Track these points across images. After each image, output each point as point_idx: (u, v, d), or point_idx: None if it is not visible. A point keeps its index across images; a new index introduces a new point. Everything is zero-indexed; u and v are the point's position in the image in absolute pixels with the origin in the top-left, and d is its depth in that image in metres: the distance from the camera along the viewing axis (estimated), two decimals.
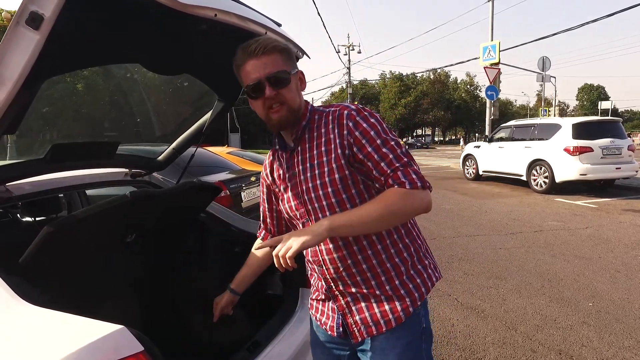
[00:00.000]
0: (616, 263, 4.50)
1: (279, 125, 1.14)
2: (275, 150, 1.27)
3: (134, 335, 1.00)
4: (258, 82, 1.08)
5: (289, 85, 1.11)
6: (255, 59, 1.08)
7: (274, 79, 1.08)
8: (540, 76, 18.14)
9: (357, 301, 1.18)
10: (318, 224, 1.05)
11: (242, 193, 4.48)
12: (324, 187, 1.12)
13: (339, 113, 1.13)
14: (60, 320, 1.04)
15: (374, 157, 1.08)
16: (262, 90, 1.09)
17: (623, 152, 8.90)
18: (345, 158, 1.11)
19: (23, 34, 1.00)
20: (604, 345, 2.79)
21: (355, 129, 1.10)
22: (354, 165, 1.12)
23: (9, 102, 1.09)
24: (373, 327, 1.17)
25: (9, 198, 1.51)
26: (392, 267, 1.16)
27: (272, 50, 1.09)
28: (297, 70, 1.16)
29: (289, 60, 1.13)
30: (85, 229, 1.45)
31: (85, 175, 2.03)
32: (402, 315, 1.15)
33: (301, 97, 1.18)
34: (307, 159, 1.16)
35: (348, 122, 1.10)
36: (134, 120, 2.28)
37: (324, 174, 1.12)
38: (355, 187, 1.12)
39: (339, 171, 1.11)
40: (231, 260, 2.22)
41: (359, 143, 1.10)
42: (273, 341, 1.62)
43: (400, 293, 1.16)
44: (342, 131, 1.11)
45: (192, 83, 1.96)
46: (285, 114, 1.12)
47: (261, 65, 1.08)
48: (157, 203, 1.72)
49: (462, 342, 2.87)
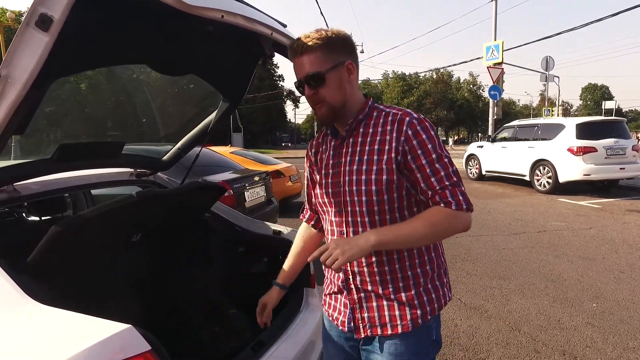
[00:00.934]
0: (620, 264, 4.49)
1: (322, 120, 1.17)
2: (325, 135, 1.29)
3: (141, 334, 1.01)
4: (299, 82, 1.13)
5: (326, 83, 1.11)
6: (297, 58, 1.11)
7: (309, 79, 1.11)
8: (543, 76, 18.05)
9: (369, 299, 1.19)
10: (365, 238, 1.06)
11: (245, 193, 4.49)
12: (369, 184, 1.12)
13: (400, 118, 1.12)
14: (68, 319, 1.05)
15: (426, 170, 1.09)
16: (303, 89, 1.13)
17: (627, 152, 8.86)
18: (397, 163, 1.11)
19: (32, 35, 1.01)
20: (608, 346, 2.78)
21: (413, 137, 1.09)
22: (402, 171, 1.12)
23: (18, 102, 1.10)
24: (379, 328, 1.18)
25: (17, 197, 1.53)
26: (413, 276, 1.17)
27: (310, 50, 1.09)
28: (340, 63, 1.12)
29: (331, 55, 1.11)
30: (92, 228, 1.46)
31: (90, 175, 2.04)
32: (409, 325, 1.16)
33: (352, 92, 1.16)
34: (357, 152, 1.16)
35: (408, 129, 1.10)
36: (138, 120, 2.29)
37: (372, 172, 1.12)
38: (397, 191, 1.13)
39: (388, 174, 1.11)
40: (235, 260, 2.23)
41: (414, 152, 1.10)
42: (277, 341, 1.63)
43: (414, 303, 1.17)
44: (399, 137, 1.10)
45: (197, 83, 1.97)
46: (326, 112, 1.14)
47: (300, 65, 1.11)
48: (162, 203, 1.73)
49: (465, 342, 2.87)
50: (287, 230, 2.06)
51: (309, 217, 1.43)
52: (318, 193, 1.26)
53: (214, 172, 4.57)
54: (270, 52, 1.45)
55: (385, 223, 1.14)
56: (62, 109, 1.97)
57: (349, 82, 1.15)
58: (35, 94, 1.13)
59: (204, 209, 2.13)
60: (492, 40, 15.12)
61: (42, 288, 1.19)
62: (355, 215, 1.16)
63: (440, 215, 1.08)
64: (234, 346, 1.63)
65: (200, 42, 1.40)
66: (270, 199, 5.18)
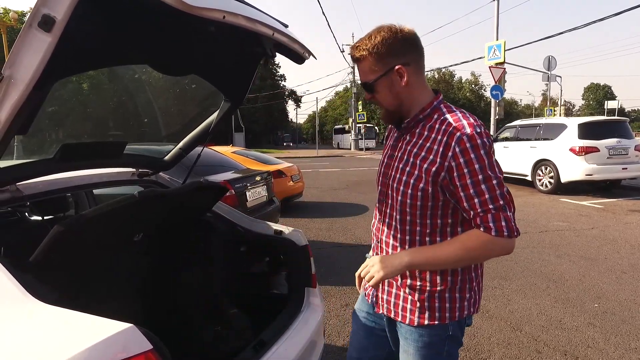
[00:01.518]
0: (622, 264, 4.48)
1: (383, 120, 1.27)
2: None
3: (143, 333, 1.01)
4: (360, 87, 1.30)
5: (377, 90, 1.18)
6: (356, 65, 1.20)
7: (364, 88, 1.22)
8: (546, 75, 18.01)
9: (390, 285, 1.28)
10: (399, 258, 1.14)
11: (247, 193, 4.49)
12: (407, 186, 1.17)
13: (451, 131, 1.09)
14: (71, 318, 1.05)
15: (470, 191, 1.07)
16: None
17: (630, 152, 8.83)
18: (437, 177, 1.11)
19: (35, 36, 1.02)
20: (610, 346, 2.78)
21: (461, 155, 1.07)
22: (443, 185, 1.12)
23: (21, 102, 1.10)
24: (392, 312, 1.29)
25: (19, 197, 1.53)
26: (430, 281, 1.20)
27: (362, 59, 1.16)
28: (389, 69, 1.14)
29: (379, 63, 1.14)
30: (94, 228, 1.47)
31: (92, 175, 2.05)
32: (415, 321, 1.23)
33: (409, 93, 1.17)
34: (407, 151, 1.20)
35: (456, 146, 1.07)
36: (140, 120, 2.29)
37: (412, 175, 1.16)
38: (432, 201, 1.14)
39: (425, 183, 1.13)
40: (236, 259, 2.23)
41: (460, 171, 1.07)
42: (279, 341, 1.63)
43: (424, 305, 1.21)
44: (446, 151, 1.09)
45: (199, 83, 1.98)
46: (384, 113, 1.24)
47: (359, 72, 1.21)
48: (164, 203, 1.74)
49: (466, 342, 2.86)
50: (288, 230, 2.07)
51: None
52: (376, 176, 1.34)
53: (216, 171, 4.57)
54: (271, 52, 1.45)
55: (414, 225, 1.18)
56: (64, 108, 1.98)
57: (402, 86, 1.16)
58: (38, 95, 1.14)
59: (205, 209, 2.14)
60: (494, 40, 15.09)
61: (44, 287, 1.19)
62: (392, 209, 1.23)
63: (477, 240, 1.08)
64: (235, 346, 1.64)
65: (201, 42, 1.41)
66: (271, 198, 5.19)
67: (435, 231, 1.17)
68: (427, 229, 1.17)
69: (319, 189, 10.63)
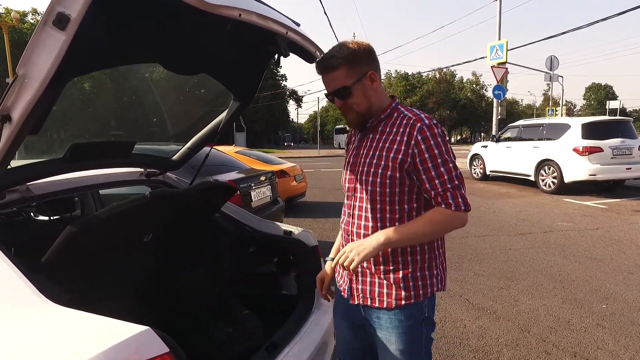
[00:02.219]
0: (629, 264, 4.45)
1: (350, 124, 1.35)
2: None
3: (159, 336, 1.00)
4: (328, 96, 1.32)
5: (352, 95, 1.27)
6: (325, 75, 1.29)
7: (337, 95, 1.29)
8: (548, 75, 17.98)
9: (364, 274, 1.35)
10: (375, 238, 1.23)
11: (251, 192, 4.48)
12: (375, 176, 1.28)
13: (412, 123, 1.25)
14: (85, 320, 1.04)
15: (432, 173, 1.23)
16: (333, 100, 1.31)
17: (634, 152, 8.80)
18: (403, 164, 1.25)
19: (50, 34, 1.00)
20: (620, 348, 2.76)
21: (422, 142, 1.23)
22: (408, 170, 1.26)
23: (34, 102, 1.09)
24: (369, 299, 1.35)
25: (29, 198, 1.52)
26: (402, 262, 1.31)
27: (336, 67, 1.25)
28: (363, 74, 1.27)
29: (354, 70, 1.26)
30: (106, 229, 1.46)
31: (100, 175, 2.03)
32: (393, 302, 1.31)
33: (376, 96, 1.31)
34: (373, 147, 1.32)
35: (418, 135, 1.23)
36: (148, 119, 2.28)
37: (380, 166, 1.27)
38: (400, 186, 1.27)
39: (393, 170, 1.26)
40: (246, 260, 2.22)
41: (422, 156, 1.23)
42: (291, 342, 1.62)
43: (400, 285, 1.31)
44: (410, 140, 1.24)
45: (208, 83, 1.96)
46: (354, 117, 1.32)
47: (327, 82, 1.29)
48: (174, 203, 1.72)
49: (475, 343, 2.85)
50: (297, 231, 2.05)
51: None
52: (342, 177, 1.44)
53: (220, 171, 4.56)
54: (285, 51, 1.43)
55: (385, 212, 1.29)
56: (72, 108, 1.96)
57: (372, 89, 1.30)
58: (51, 94, 1.12)
59: (214, 209, 2.12)
60: (496, 40, 15.06)
61: (57, 289, 1.18)
62: (361, 201, 1.33)
63: (440, 215, 1.24)
64: (248, 347, 1.62)
65: (214, 41, 1.39)
66: (276, 198, 5.17)
67: (403, 216, 1.29)
68: (396, 214, 1.29)
69: (321, 189, 10.61)
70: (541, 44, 36.90)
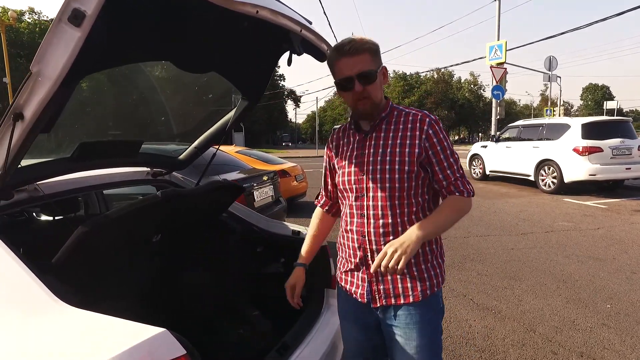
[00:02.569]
0: (632, 264, 4.46)
1: (363, 114, 1.32)
2: (347, 130, 1.45)
3: (176, 338, 0.98)
4: (349, 78, 1.25)
5: (375, 82, 1.27)
6: (348, 57, 1.24)
7: (363, 76, 1.25)
8: (546, 76, 18.03)
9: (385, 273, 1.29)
10: (414, 233, 1.23)
11: (254, 192, 4.46)
12: (393, 172, 1.29)
13: (420, 118, 1.31)
14: (100, 322, 1.02)
15: (444, 163, 1.30)
16: (352, 85, 1.26)
17: (633, 152, 8.82)
18: (419, 157, 1.29)
19: (65, 31, 0.99)
20: (626, 348, 2.75)
21: (434, 136, 1.29)
22: (423, 163, 1.30)
23: (47, 100, 1.07)
24: (393, 298, 1.33)
25: (39, 197, 1.50)
26: (422, 253, 1.33)
27: (363, 51, 1.24)
28: (381, 67, 1.30)
29: (376, 59, 1.28)
30: (117, 228, 1.44)
31: (106, 175, 2.01)
32: (419, 295, 1.31)
33: (382, 93, 1.33)
34: (381, 145, 1.32)
35: (429, 129, 1.29)
36: (155, 118, 2.26)
37: (395, 162, 1.29)
38: (415, 180, 1.30)
39: (410, 165, 1.28)
40: (254, 260, 2.20)
41: (435, 149, 1.29)
42: (302, 344, 1.61)
43: (424, 276, 1.33)
44: (421, 134, 1.29)
45: (216, 81, 1.94)
46: (369, 107, 1.29)
47: (352, 63, 1.24)
48: (184, 203, 1.70)
49: (481, 343, 2.84)
50: (305, 230, 2.04)
51: (324, 203, 1.61)
52: (340, 180, 1.41)
53: (222, 171, 4.53)
54: (299, 49, 1.42)
55: (403, 207, 1.31)
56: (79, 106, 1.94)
57: (382, 84, 1.32)
58: (65, 92, 1.10)
59: (222, 209, 2.10)
60: (495, 40, 15.08)
61: (69, 290, 1.16)
62: (377, 200, 1.32)
63: (459, 202, 1.31)
64: (259, 349, 1.60)
65: (229, 38, 1.37)
66: (278, 198, 5.16)
67: (419, 209, 1.32)
68: (413, 207, 1.31)
69: None
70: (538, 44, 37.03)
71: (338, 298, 1.52)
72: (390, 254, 1.20)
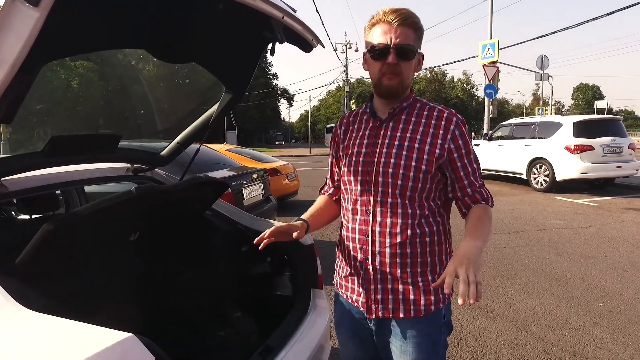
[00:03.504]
0: (623, 262, 4.45)
1: (387, 92, 1.18)
2: (362, 114, 1.30)
3: (144, 344, 0.91)
4: (386, 47, 1.12)
5: (411, 60, 1.15)
6: (395, 25, 1.12)
7: (400, 49, 1.12)
8: (538, 75, 18.12)
9: (385, 281, 1.20)
10: (475, 247, 1.04)
11: (243, 190, 4.38)
12: (407, 169, 1.16)
13: (447, 116, 1.19)
14: (63, 327, 0.94)
15: (468, 168, 1.19)
16: (386, 55, 1.13)
17: (624, 151, 8.88)
18: (440, 158, 1.17)
19: (20, 10, 0.90)
20: (619, 346, 2.72)
21: (460, 137, 1.18)
22: (442, 166, 1.18)
23: (4, 87, 0.99)
24: (391, 310, 1.20)
25: (4, 194, 1.41)
26: (431, 263, 1.20)
27: (410, 25, 1.13)
28: (419, 51, 1.18)
29: (418, 40, 1.17)
30: (88, 227, 1.35)
31: (84, 171, 1.93)
32: (422, 310, 1.19)
33: (412, 78, 1.22)
34: (397, 137, 1.19)
35: (455, 129, 1.18)
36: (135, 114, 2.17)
37: (412, 158, 1.16)
38: (430, 182, 1.18)
39: (427, 164, 1.16)
40: (238, 260, 2.13)
41: (460, 152, 1.18)
42: (286, 346, 1.53)
43: (430, 289, 1.19)
44: (446, 134, 1.17)
45: (198, 74, 1.87)
46: (396, 85, 1.16)
47: (396, 33, 1.12)
48: (162, 199, 1.62)
49: (473, 343, 2.79)
50: None
51: (333, 193, 1.43)
52: (345, 170, 1.27)
53: (211, 169, 4.44)
54: (281, 37, 1.34)
55: (415, 209, 1.17)
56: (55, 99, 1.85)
57: (415, 71, 1.20)
58: (25, 78, 1.02)
59: (205, 207, 2.02)
60: (488, 39, 15.10)
61: (32, 292, 1.08)
62: (386, 196, 1.18)
63: (489, 211, 1.20)
64: (241, 352, 1.53)
65: (205, 24, 1.30)
66: (268, 196, 5.08)
67: (429, 213, 1.20)
68: (425, 211, 1.19)
69: (314, 187, 10.52)
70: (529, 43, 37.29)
71: (335, 305, 1.39)
72: (465, 285, 0.91)
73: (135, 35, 1.32)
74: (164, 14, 1.19)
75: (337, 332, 1.40)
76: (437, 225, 1.22)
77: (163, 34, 1.33)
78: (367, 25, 1.19)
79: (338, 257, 1.35)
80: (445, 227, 1.25)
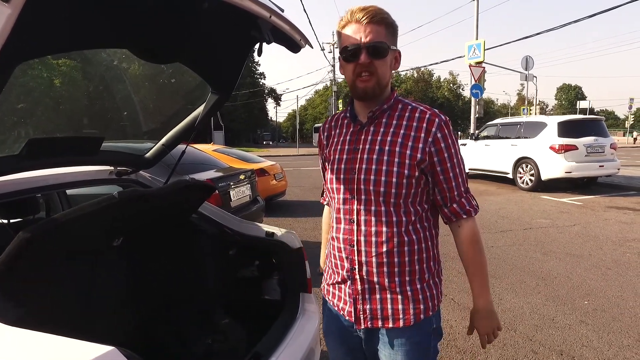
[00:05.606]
0: (606, 260, 4.52)
1: (363, 94, 1.13)
2: (342, 119, 1.26)
3: (126, 357, 0.86)
4: (357, 46, 1.08)
5: (385, 58, 1.10)
6: (363, 24, 1.08)
7: (372, 48, 1.08)
8: (523, 75, 18.38)
9: (373, 291, 1.17)
10: (487, 302, 1.20)
11: (230, 192, 4.32)
12: (389, 175, 1.11)
13: (429, 118, 1.13)
14: (38, 341, 0.89)
15: (450, 174, 1.14)
16: (358, 56, 1.08)
17: (606, 150, 9.06)
18: (421, 163, 1.11)
19: None
20: (604, 344, 2.76)
21: (442, 140, 1.12)
22: (424, 170, 1.13)
23: None
24: (380, 320, 1.18)
25: None
26: (419, 271, 1.17)
27: (379, 22, 1.08)
28: (396, 49, 1.14)
29: (391, 37, 1.12)
30: (67, 233, 1.30)
31: (66, 174, 1.86)
32: (412, 319, 1.16)
33: (390, 77, 1.17)
34: (378, 141, 1.14)
35: (437, 131, 1.11)
36: (119, 115, 2.11)
37: (394, 163, 1.11)
38: (415, 187, 1.13)
39: (410, 169, 1.11)
40: (226, 264, 2.08)
41: (442, 156, 1.12)
42: (275, 352, 1.50)
43: (419, 297, 1.17)
44: (427, 137, 1.11)
45: (185, 74, 1.82)
46: (372, 86, 1.11)
47: (364, 31, 1.08)
48: (146, 204, 1.57)
49: (462, 344, 2.79)
50: (280, 232, 1.93)
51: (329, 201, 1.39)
52: (328, 178, 1.24)
53: (198, 170, 4.38)
54: (269, 37, 1.31)
55: (400, 215, 1.13)
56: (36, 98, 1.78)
57: (392, 70, 1.16)
58: None
59: (191, 210, 1.98)
60: (474, 39, 15.25)
61: (6, 304, 1.03)
62: (370, 204, 1.14)
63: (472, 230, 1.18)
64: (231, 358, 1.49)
65: (189, 23, 1.25)
66: (256, 197, 5.03)
67: (416, 219, 1.16)
68: (412, 216, 1.15)
69: (301, 187, 10.49)
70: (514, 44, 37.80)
71: (323, 313, 1.36)
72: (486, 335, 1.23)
73: (116, 35, 1.27)
74: (146, 13, 1.14)
75: (325, 338, 1.37)
76: (423, 231, 1.17)
77: (145, 33, 1.28)
78: (338, 27, 1.14)
79: (326, 263, 1.32)
80: (432, 231, 1.21)
